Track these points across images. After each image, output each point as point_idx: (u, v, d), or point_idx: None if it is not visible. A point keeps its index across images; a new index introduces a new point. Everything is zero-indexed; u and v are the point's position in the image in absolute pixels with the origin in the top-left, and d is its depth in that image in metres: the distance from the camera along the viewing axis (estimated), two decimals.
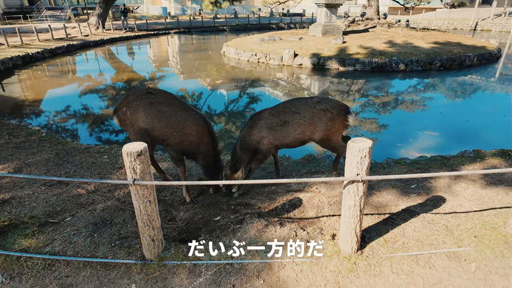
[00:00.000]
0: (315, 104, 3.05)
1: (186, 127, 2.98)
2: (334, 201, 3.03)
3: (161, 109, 2.99)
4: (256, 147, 3.16)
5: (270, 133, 3.10)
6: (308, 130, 3.06)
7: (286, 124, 3.06)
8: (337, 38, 14.50)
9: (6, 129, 5.46)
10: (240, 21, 32.62)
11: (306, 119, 3.04)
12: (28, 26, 23.43)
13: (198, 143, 3.04)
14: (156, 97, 3.06)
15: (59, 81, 11.83)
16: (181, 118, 2.98)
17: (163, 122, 2.98)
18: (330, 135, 3.12)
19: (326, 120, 3.03)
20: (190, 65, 15.54)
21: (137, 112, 3.01)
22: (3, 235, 2.60)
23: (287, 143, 3.17)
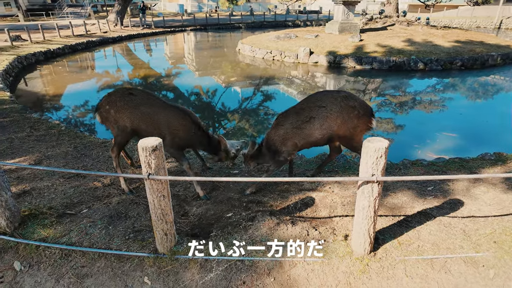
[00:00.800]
0: (343, 99, 2.90)
1: (171, 125, 3.06)
2: (347, 201, 2.99)
3: (143, 110, 3.07)
4: (279, 148, 3.05)
5: (296, 133, 2.97)
6: (335, 125, 2.89)
7: (312, 120, 2.90)
8: (354, 36, 14.26)
9: (28, 123, 5.65)
10: (256, 18, 32.55)
11: (333, 113, 2.87)
12: (50, 23, 24.13)
13: (189, 136, 3.13)
14: (137, 98, 3.12)
15: (78, 76, 12.15)
16: (164, 117, 3.06)
17: (148, 124, 3.08)
18: (354, 134, 2.99)
19: (353, 117, 2.88)
20: (205, 62, 15.64)
21: (121, 112, 3.10)
22: (24, 224, 2.70)
23: (313, 141, 3.01)
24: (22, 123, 5.62)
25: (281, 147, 3.05)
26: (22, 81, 11.17)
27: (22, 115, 6.12)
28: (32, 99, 9.12)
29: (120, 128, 3.16)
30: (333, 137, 3.01)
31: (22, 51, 13.73)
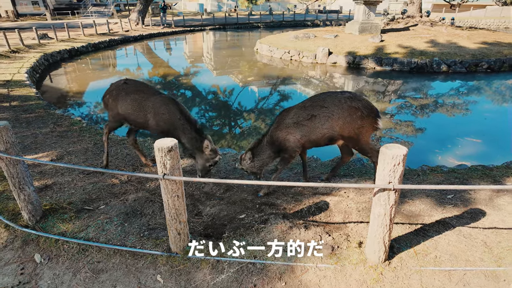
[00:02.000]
0: (346, 100, 2.89)
1: (157, 108, 3.26)
2: (363, 207, 2.93)
3: (133, 97, 3.38)
4: (282, 144, 3.07)
5: (297, 129, 2.98)
6: (337, 126, 2.89)
7: (313, 118, 2.92)
8: (375, 37, 13.97)
9: (51, 119, 5.86)
10: (275, 18, 32.46)
11: (335, 114, 2.88)
12: (75, 22, 24.95)
13: (173, 120, 3.23)
14: (130, 86, 3.47)
15: (100, 74, 12.50)
16: (151, 101, 3.31)
17: (136, 107, 3.36)
18: (360, 135, 2.95)
19: (356, 118, 2.86)
20: (223, 61, 15.73)
21: (115, 100, 3.47)
22: (44, 218, 2.80)
23: (314, 140, 3.01)
24: (46, 119, 5.84)
25: (284, 142, 3.05)
26: (47, 78, 11.60)
27: (46, 111, 6.35)
28: (56, 96, 9.46)
29: (113, 113, 3.55)
30: (335, 138, 3.00)
31: (48, 49, 14.26)
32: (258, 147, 3.21)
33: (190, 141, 3.25)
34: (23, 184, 2.57)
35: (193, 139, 3.23)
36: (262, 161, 3.23)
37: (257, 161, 3.22)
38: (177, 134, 3.27)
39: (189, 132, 3.24)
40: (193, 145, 3.25)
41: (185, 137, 3.26)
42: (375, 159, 2.99)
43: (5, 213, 2.90)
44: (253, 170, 3.28)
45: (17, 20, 27.90)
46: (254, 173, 3.32)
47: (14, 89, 8.06)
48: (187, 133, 3.24)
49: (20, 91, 7.94)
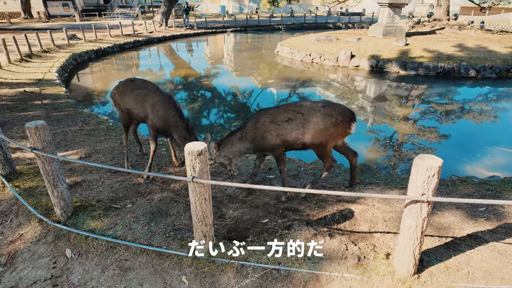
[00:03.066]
0: (321, 108, 3.02)
1: (154, 105, 3.47)
2: (389, 217, 2.86)
3: (137, 92, 3.63)
4: (262, 142, 3.17)
5: (273, 127, 3.10)
6: (309, 133, 3.01)
7: (289, 121, 3.05)
8: (399, 40, 13.65)
9: (80, 117, 6.08)
10: (296, 20, 32.34)
11: (310, 119, 3.00)
12: (101, 23, 25.80)
13: (166, 117, 3.41)
14: (136, 84, 3.74)
15: (124, 74, 12.85)
16: (151, 98, 3.52)
17: (138, 103, 3.60)
18: (327, 141, 3.06)
19: (330, 125, 2.99)
20: (243, 63, 15.82)
21: (122, 96, 3.74)
22: (75, 214, 2.90)
23: (289, 141, 3.10)
24: (75, 118, 6.06)
25: (263, 141, 3.14)
26: (75, 77, 12.05)
27: (75, 109, 6.60)
28: (83, 94, 9.82)
29: (121, 109, 3.81)
30: (307, 144, 3.09)
31: (76, 49, 14.82)
32: (229, 139, 3.29)
33: (180, 138, 3.46)
34: (57, 181, 2.68)
35: (183, 137, 3.43)
36: (231, 153, 3.32)
37: (225, 152, 3.30)
38: (170, 131, 3.50)
39: (180, 130, 3.44)
40: (183, 142, 3.42)
41: (176, 134, 3.47)
42: (328, 164, 3.18)
43: (39, 208, 3.03)
44: (220, 160, 3.35)
45: (48, 21, 29.17)
46: (222, 164, 3.39)
47: (46, 87, 8.43)
48: (178, 131, 3.44)
49: (50, 89, 8.29)
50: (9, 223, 2.99)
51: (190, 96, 10.27)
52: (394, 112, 8.45)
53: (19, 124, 5.66)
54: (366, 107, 8.91)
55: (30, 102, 7.07)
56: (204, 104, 9.23)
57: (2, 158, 3.52)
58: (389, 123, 7.61)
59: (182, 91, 10.98)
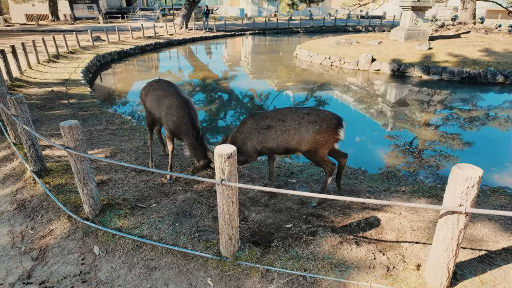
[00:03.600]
0: (304, 116, 2.98)
1: (170, 108, 3.46)
2: (417, 226, 2.78)
3: (158, 93, 3.67)
4: (240, 147, 3.20)
5: (254, 135, 3.12)
6: (293, 140, 2.99)
7: (269, 128, 3.06)
8: (422, 44, 13.34)
9: (104, 117, 6.24)
10: (315, 23, 32.17)
11: (291, 128, 2.98)
12: (124, 25, 26.49)
13: (179, 123, 3.40)
14: (159, 85, 3.77)
15: (145, 75, 13.13)
16: (168, 101, 3.51)
17: (157, 104, 3.63)
18: (317, 148, 2.99)
19: (313, 132, 2.93)
20: (261, 66, 15.85)
21: (146, 94, 3.83)
22: (103, 212, 2.97)
23: (270, 148, 3.12)
24: (100, 117, 6.23)
25: (242, 146, 3.19)
26: (98, 78, 12.40)
27: (100, 109, 6.78)
28: (105, 94, 10.08)
29: (145, 108, 3.92)
30: (291, 150, 3.08)
31: (100, 51, 15.26)
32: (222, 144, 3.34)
33: (189, 145, 3.47)
34: (87, 179, 2.75)
35: (192, 145, 3.42)
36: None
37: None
38: (181, 136, 3.51)
39: (190, 138, 3.42)
40: (191, 150, 3.45)
41: (186, 141, 3.47)
42: (328, 170, 3.10)
43: (68, 205, 3.11)
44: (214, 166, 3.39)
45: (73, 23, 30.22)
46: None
47: (72, 87, 8.71)
48: (189, 138, 3.44)
49: (76, 89, 8.56)
50: (40, 218, 3.09)
51: (207, 98, 10.36)
52: (415, 117, 8.25)
53: (47, 122, 5.87)
54: (387, 111, 8.74)
55: (57, 101, 7.32)
56: (221, 106, 9.29)
57: (34, 155, 3.65)
58: (410, 129, 7.42)
59: (200, 92, 11.10)
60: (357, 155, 5.94)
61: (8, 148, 4.67)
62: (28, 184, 3.65)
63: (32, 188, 3.55)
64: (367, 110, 8.89)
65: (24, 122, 3.46)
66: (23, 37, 19.19)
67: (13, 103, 3.43)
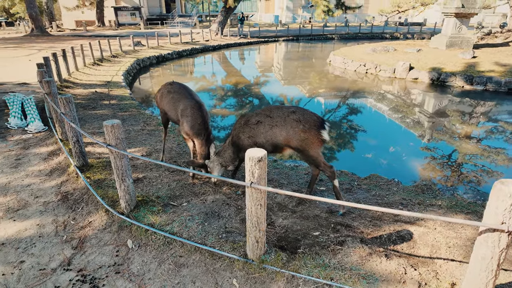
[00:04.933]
0: (289, 114, 3.12)
1: (185, 110, 3.62)
2: (454, 243, 2.63)
3: (172, 96, 3.84)
4: (237, 143, 3.41)
5: (245, 130, 3.32)
6: (280, 136, 3.12)
7: (259, 123, 3.23)
8: (466, 52, 12.64)
9: (142, 118, 6.56)
10: (351, 29, 31.63)
11: (278, 124, 3.12)
12: (163, 31, 27.72)
13: (193, 123, 3.57)
14: (173, 87, 3.93)
15: (181, 79, 13.62)
16: (183, 103, 3.68)
17: (172, 106, 3.80)
18: (306, 147, 3.07)
19: (298, 131, 3.05)
20: (293, 72, 15.83)
21: (161, 97, 4.00)
22: (137, 208, 3.12)
23: (260, 143, 3.25)
24: (138, 118, 6.55)
25: (238, 141, 3.39)
26: (137, 80, 13.06)
27: (138, 110, 7.14)
28: (143, 96, 10.59)
29: (160, 109, 4.11)
30: (280, 146, 3.19)
31: (140, 55, 16.07)
32: (223, 146, 3.63)
33: (198, 145, 3.65)
34: (125, 176, 2.91)
35: (201, 145, 3.62)
36: (223, 158, 3.58)
37: (218, 157, 3.60)
38: (193, 137, 3.65)
39: (201, 138, 3.61)
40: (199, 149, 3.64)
41: (197, 141, 3.64)
42: (328, 173, 3.14)
43: (106, 199, 3.31)
44: (212, 165, 3.61)
45: (117, 29, 32.12)
46: (211, 170, 3.64)
47: (113, 89, 9.25)
48: (200, 138, 3.61)
49: (117, 91, 9.08)
50: (80, 210, 3.31)
51: (238, 102, 10.53)
52: (455, 129, 7.81)
53: (90, 121, 6.28)
54: (424, 122, 8.36)
55: (100, 101, 7.81)
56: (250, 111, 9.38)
57: (78, 151, 3.93)
58: (449, 141, 7.04)
59: (232, 97, 11.31)
60: (391, 165, 5.74)
61: (55, 143, 5.06)
62: (71, 178, 3.93)
63: (75, 182, 3.82)
64: (403, 119, 8.57)
65: (71, 120, 3.74)
66: (72, 41, 20.72)
67: (62, 102, 3.72)
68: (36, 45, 19.12)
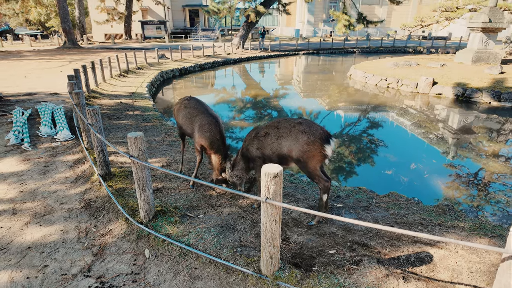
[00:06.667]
0: (296, 124, 3.13)
1: (202, 126, 3.72)
2: (476, 268, 2.52)
3: (189, 111, 3.93)
4: (247, 153, 3.46)
5: (254, 142, 3.38)
6: (285, 146, 3.13)
7: (267, 135, 3.28)
8: (493, 68, 12.25)
9: (163, 128, 6.76)
10: (372, 43, 31.43)
11: (284, 135, 3.14)
12: (187, 44, 28.62)
13: (212, 139, 3.68)
14: (190, 103, 4.02)
15: (202, 91, 13.96)
16: (200, 119, 3.78)
17: (189, 121, 3.90)
18: (307, 159, 3.06)
19: (302, 142, 3.04)
20: (312, 85, 15.85)
21: (178, 111, 4.11)
22: (155, 218, 3.20)
23: (268, 155, 3.29)
24: (160, 129, 6.76)
25: (247, 152, 3.46)
26: (161, 92, 13.49)
27: (160, 121, 7.36)
28: (165, 107, 10.91)
29: (177, 123, 4.22)
30: (285, 157, 3.19)
31: (164, 67, 16.64)
32: (236, 158, 3.67)
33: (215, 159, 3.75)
34: (145, 186, 3.01)
35: (219, 159, 3.72)
36: (238, 171, 3.65)
37: (235, 172, 3.66)
38: (210, 152, 3.77)
39: (220, 153, 3.72)
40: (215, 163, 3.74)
41: (215, 155, 3.74)
42: (321, 186, 3.14)
43: (126, 208, 3.42)
44: (233, 180, 3.69)
45: (143, 42, 33.49)
46: (234, 183, 3.71)
47: (137, 100, 9.60)
48: (218, 153, 3.71)
49: (141, 102, 9.41)
50: (102, 218, 3.43)
51: (257, 114, 10.63)
52: (482, 146, 7.52)
53: (114, 131, 6.54)
54: (448, 138, 8.10)
55: (124, 112, 8.13)
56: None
57: (102, 160, 4.10)
58: (475, 159, 6.77)
59: (250, 109, 11.44)
60: (411, 183, 5.58)
61: (81, 152, 5.29)
62: (94, 186, 4.09)
63: (98, 190, 3.97)
64: (425, 135, 8.35)
65: (97, 131, 3.92)
66: (100, 53, 21.77)
67: (90, 113, 3.92)
68: (67, 57, 20.23)
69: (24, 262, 2.78)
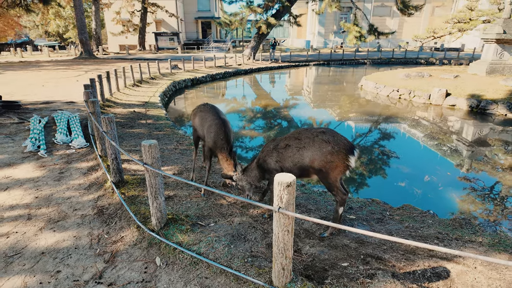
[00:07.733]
0: (318, 134, 3.06)
1: (210, 127, 3.90)
2: (496, 285, 2.43)
3: (203, 114, 4.15)
4: (264, 165, 3.43)
5: (274, 154, 3.32)
6: (307, 157, 3.05)
7: (287, 147, 3.20)
8: (508, 79, 12.03)
9: (175, 137, 6.84)
10: (383, 54, 31.37)
11: (306, 145, 3.06)
12: (198, 55, 29.12)
13: (216, 139, 3.81)
14: (205, 108, 4.24)
15: (213, 100, 14.10)
16: (208, 121, 3.98)
17: (200, 124, 4.12)
18: (329, 170, 2.98)
19: (326, 152, 2.97)
20: (323, 95, 15.84)
21: (194, 115, 4.36)
22: (167, 226, 3.21)
23: (288, 167, 3.22)
24: (172, 137, 6.83)
25: (264, 164, 3.42)
26: (173, 101, 13.70)
27: (172, 130, 7.45)
28: (177, 116, 11.05)
29: (193, 127, 4.43)
30: (306, 169, 3.11)
31: (176, 78, 16.93)
32: (251, 165, 3.68)
33: (221, 159, 3.84)
34: (158, 194, 3.03)
35: (224, 157, 3.80)
36: (250, 178, 3.64)
37: (246, 177, 3.67)
38: (216, 152, 3.89)
39: (224, 152, 3.81)
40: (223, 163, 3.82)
41: (220, 155, 3.84)
42: (338, 199, 3.09)
43: (138, 215, 3.44)
44: (242, 184, 3.70)
45: (156, 52, 34.25)
46: (242, 187, 3.72)
47: (150, 109, 9.76)
48: (223, 152, 3.81)
49: (153, 111, 9.56)
50: (114, 225, 3.45)
51: (267, 124, 10.65)
52: (498, 159, 7.32)
53: (127, 139, 6.64)
54: (462, 150, 7.93)
55: (137, 120, 8.26)
56: (279, 133, 9.44)
57: (115, 167, 4.16)
58: (492, 172, 6.59)
59: (260, 119, 11.48)
60: (425, 195, 5.46)
61: (95, 159, 5.38)
62: (107, 193, 4.14)
63: (110, 197, 4.02)
64: (439, 147, 8.19)
65: (112, 138, 3.99)
66: (115, 63, 22.34)
67: (105, 121, 4.00)
68: (83, 67, 20.82)
69: (38, 267, 2.81)
